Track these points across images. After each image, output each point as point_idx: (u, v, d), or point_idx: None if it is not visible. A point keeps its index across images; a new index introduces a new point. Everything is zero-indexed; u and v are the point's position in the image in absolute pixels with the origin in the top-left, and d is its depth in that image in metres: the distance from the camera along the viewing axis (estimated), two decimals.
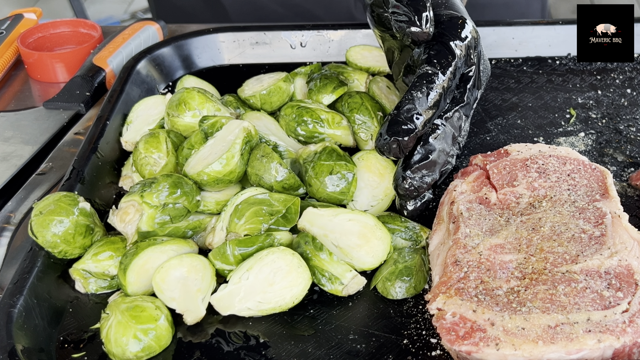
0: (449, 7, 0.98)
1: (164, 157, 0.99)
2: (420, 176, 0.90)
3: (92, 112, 1.19)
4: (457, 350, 0.73)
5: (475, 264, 0.80)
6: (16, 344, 0.77)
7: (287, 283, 0.83)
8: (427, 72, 0.90)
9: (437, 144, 0.91)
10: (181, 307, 0.82)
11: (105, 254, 0.88)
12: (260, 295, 0.83)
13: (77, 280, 0.88)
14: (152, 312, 0.81)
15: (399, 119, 0.88)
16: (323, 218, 0.89)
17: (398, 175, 0.91)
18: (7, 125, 1.18)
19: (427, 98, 0.89)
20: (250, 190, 0.94)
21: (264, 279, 0.83)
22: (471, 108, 0.98)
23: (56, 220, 0.88)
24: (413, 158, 0.90)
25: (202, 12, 1.64)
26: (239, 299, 0.82)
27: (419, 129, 0.88)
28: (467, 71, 0.96)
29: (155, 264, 0.85)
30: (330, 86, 1.10)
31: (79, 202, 0.91)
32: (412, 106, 0.88)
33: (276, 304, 0.83)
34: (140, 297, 0.84)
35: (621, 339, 0.71)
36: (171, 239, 0.89)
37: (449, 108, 0.94)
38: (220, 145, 0.95)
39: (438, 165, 0.92)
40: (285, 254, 0.84)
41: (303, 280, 0.84)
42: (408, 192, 0.91)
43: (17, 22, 1.42)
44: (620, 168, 1.03)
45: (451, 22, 0.95)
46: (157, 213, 0.90)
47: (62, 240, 0.88)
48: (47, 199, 0.90)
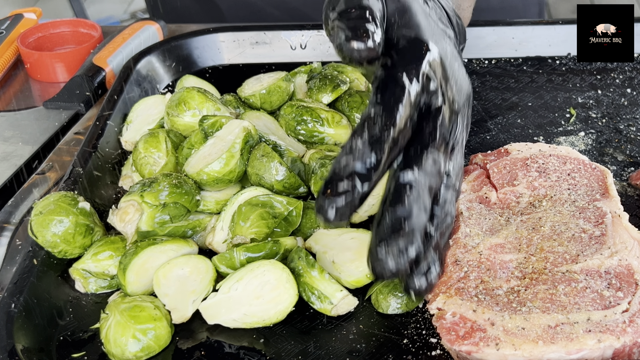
0: (408, 27, 0.78)
1: (164, 157, 0.99)
2: (398, 250, 0.69)
3: (92, 111, 1.19)
4: (457, 350, 0.73)
5: (476, 264, 0.80)
6: (16, 344, 0.77)
7: (272, 298, 0.82)
8: (369, 115, 0.72)
9: (411, 203, 0.70)
10: (171, 304, 0.82)
11: (105, 253, 0.88)
12: (246, 307, 0.81)
13: (77, 280, 0.88)
14: (151, 312, 0.81)
15: (333, 178, 0.69)
16: (328, 237, 0.89)
17: (370, 253, 0.70)
18: (7, 125, 1.18)
19: (371, 147, 0.70)
20: (251, 190, 0.94)
21: (251, 292, 0.82)
22: (454, 141, 0.77)
23: (56, 220, 0.87)
24: (380, 226, 0.70)
25: (199, 15, 1.63)
26: (225, 309, 0.82)
27: (361, 190, 0.69)
28: (432, 105, 0.75)
29: (155, 264, 0.85)
30: (330, 85, 1.10)
31: (78, 201, 0.90)
32: (348, 160, 0.69)
33: (260, 318, 0.82)
34: (139, 297, 0.83)
35: (621, 338, 0.71)
36: (171, 239, 0.88)
37: (417, 153, 0.74)
38: (220, 145, 0.95)
39: (417, 230, 0.69)
40: (276, 267, 0.83)
41: (289, 297, 0.82)
42: (385, 273, 0.69)
43: (17, 22, 1.42)
44: (621, 167, 1.03)
45: (408, 47, 0.76)
46: (157, 212, 0.90)
47: (62, 240, 0.88)
48: (47, 198, 0.90)
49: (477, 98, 1.20)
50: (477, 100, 1.19)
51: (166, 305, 0.82)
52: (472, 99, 0.83)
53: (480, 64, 1.28)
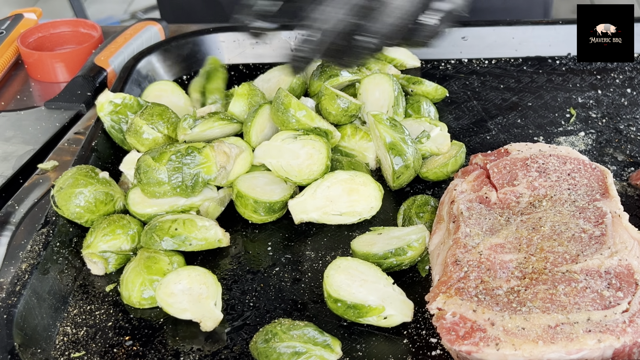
0: None
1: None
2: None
3: (93, 111, 1.19)
4: (457, 350, 0.73)
5: (476, 264, 0.80)
6: (16, 344, 0.77)
7: (354, 199, 0.94)
8: None
9: None
10: (197, 316, 0.83)
11: (115, 232, 0.90)
12: (330, 205, 0.94)
13: (97, 264, 0.90)
14: (164, 265, 0.86)
15: None
16: None
17: None
18: (8, 125, 1.18)
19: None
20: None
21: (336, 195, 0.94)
22: None
23: (77, 192, 0.92)
24: None
25: (206, 14, 1.63)
26: (312, 206, 0.94)
27: None
28: None
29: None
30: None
31: (97, 173, 0.95)
32: None
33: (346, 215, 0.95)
34: (163, 251, 0.88)
35: (621, 338, 0.71)
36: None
37: None
38: None
39: None
40: (358, 172, 0.96)
41: (372, 196, 0.95)
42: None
43: (17, 22, 1.42)
44: (621, 167, 1.03)
45: None
46: None
47: (85, 210, 0.92)
48: (65, 174, 0.94)
49: (477, 98, 1.20)
50: (477, 100, 1.19)
51: (193, 319, 0.83)
52: None
53: (480, 64, 1.28)
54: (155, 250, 0.88)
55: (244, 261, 0.92)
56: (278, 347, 0.75)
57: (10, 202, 0.99)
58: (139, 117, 1.01)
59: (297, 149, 0.96)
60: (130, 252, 0.91)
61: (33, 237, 0.90)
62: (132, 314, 0.85)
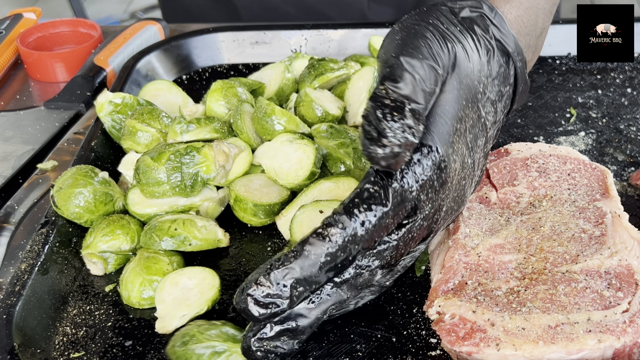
0: (431, 131, 0.69)
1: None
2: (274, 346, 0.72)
3: (92, 111, 1.19)
4: (458, 351, 0.73)
5: (475, 265, 0.80)
6: (15, 344, 0.77)
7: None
8: (319, 232, 0.68)
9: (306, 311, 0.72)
10: (162, 312, 0.83)
11: (114, 232, 0.90)
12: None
13: (96, 264, 0.90)
14: (163, 266, 0.86)
15: (246, 287, 0.68)
16: None
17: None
18: (7, 125, 1.18)
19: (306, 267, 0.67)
20: None
21: None
22: (401, 266, 0.76)
23: (76, 192, 0.91)
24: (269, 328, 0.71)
25: (213, 14, 1.63)
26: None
27: (282, 307, 0.68)
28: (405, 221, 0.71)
29: None
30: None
31: (96, 173, 0.94)
32: (284, 272, 0.67)
33: None
34: (163, 251, 0.88)
35: (621, 339, 0.71)
36: None
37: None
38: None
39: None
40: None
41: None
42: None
43: (17, 21, 1.42)
44: (621, 167, 1.03)
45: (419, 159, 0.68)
46: None
47: (85, 210, 0.92)
48: (64, 174, 0.94)
49: None
50: None
51: (157, 312, 0.83)
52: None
53: None
54: (155, 250, 0.88)
55: (244, 261, 0.92)
56: (196, 349, 0.75)
57: (10, 202, 0.99)
58: (130, 119, 1.02)
59: (290, 152, 0.97)
60: (129, 252, 0.91)
61: (32, 237, 0.90)
62: (131, 314, 0.85)
